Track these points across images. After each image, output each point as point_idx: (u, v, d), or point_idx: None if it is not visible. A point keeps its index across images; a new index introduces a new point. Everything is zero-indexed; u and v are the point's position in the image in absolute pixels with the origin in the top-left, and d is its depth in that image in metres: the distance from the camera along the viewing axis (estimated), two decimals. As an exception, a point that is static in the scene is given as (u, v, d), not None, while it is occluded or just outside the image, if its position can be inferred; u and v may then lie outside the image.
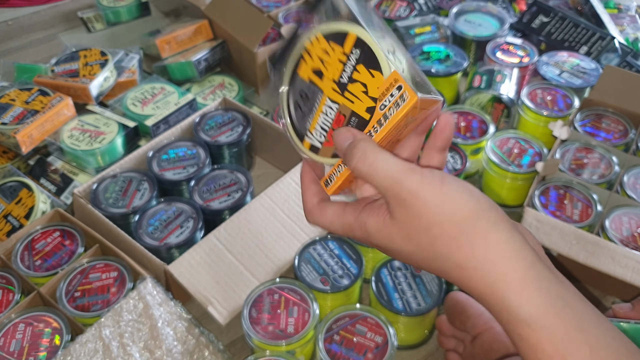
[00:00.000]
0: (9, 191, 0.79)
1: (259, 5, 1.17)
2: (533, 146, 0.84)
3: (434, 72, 0.96)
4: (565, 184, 0.78)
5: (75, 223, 0.74)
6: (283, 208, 0.75)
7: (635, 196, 0.77)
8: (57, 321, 0.64)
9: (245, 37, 1.01)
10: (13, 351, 0.61)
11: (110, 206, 0.75)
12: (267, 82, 1.06)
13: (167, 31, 1.07)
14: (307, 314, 0.63)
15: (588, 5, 1.13)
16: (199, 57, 1.02)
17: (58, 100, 0.87)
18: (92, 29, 1.22)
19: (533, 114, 0.88)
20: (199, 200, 0.77)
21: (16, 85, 0.90)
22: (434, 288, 0.67)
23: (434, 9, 1.18)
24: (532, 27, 1.06)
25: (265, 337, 0.61)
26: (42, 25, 1.24)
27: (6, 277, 0.68)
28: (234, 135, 0.85)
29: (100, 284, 0.67)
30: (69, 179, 0.83)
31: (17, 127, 0.82)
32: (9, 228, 0.76)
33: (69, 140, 0.85)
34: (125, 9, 1.22)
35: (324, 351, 0.61)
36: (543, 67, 0.97)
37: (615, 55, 1.01)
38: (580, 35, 1.03)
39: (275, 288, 0.66)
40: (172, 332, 0.63)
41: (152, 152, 0.81)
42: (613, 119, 0.87)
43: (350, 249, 0.70)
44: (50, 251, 0.71)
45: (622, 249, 0.68)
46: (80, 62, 0.95)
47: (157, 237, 0.72)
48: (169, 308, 0.65)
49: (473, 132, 0.88)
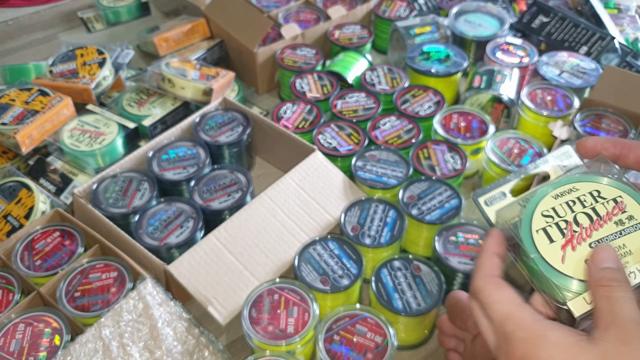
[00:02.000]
0: (8, 191, 0.79)
1: (259, 5, 1.17)
2: (533, 146, 0.84)
3: (434, 72, 0.96)
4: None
5: (75, 223, 0.74)
6: (283, 208, 0.75)
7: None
8: (57, 321, 0.64)
9: (245, 37, 1.01)
10: (13, 351, 0.61)
11: (110, 206, 0.75)
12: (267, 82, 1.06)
13: (165, 28, 1.07)
14: (307, 314, 0.63)
15: (588, 5, 1.13)
16: (197, 56, 1.02)
17: (58, 101, 0.87)
18: (92, 29, 1.22)
19: (533, 114, 0.89)
20: (199, 200, 0.77)
21: (16, 86, 0.90)
22: (434, 288, 0.67)
23: (434, 9, 1.18)
24: (532, 27, 1.06)
25: (265, 337, 0.61)
26: (42, 25, 1.24)
27: (6, 277, 0.68)
28: (234, 135, 0.85)
29: (100, 284, 0.67)
30: (69, 179, 0.83)
31: (17, 127, 0.82)
32: (8, 228, 0.76)
33: (68, 140, 0.85)
34: (125, 9, 1.22)
35: (324, 351, 0.61)
36: (543, 67, 0.97)
37: (615, 56, 1.01)
38: (580, 35, 1.03)
39: (275, 288, 0.66)
40: (172, 332, 0.63)
41: (152, 152, 0.81)
42: (613, 119, 0.87)
43: (350, 249, 0.70)
44: (50, 251, 0.71)
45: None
46: (78, 62, 0.95)
47: (157, 237, 0.72)
48: (169, 308, 0.65)
49: (473, 132, 0.88)
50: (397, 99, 0.93)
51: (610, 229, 0.39)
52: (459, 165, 0.82)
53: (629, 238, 0.39)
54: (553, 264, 0.38)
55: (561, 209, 0.40)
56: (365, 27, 1.11)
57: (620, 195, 0.40)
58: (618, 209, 0.40)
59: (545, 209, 0.41)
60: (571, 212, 0.40)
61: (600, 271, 0.36)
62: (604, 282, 0.36)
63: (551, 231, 0.39)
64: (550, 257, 0.39)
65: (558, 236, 0.39)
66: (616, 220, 0.39)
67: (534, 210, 0.41)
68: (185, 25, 1.06)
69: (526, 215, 0.41)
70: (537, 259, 0.39)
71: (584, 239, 0.39)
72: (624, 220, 0.39)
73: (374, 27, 1.17)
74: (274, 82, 1.07)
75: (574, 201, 0.40)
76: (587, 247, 0.39)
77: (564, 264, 0.38)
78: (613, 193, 0.40)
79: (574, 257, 0.38)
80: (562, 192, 0.41)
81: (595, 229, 0.39)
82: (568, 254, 0.39)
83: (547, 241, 0.39)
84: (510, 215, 0.42)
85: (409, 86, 0.96)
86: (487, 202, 0.44)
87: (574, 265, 0.38)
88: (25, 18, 1.25)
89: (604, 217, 0.40)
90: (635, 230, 0.39)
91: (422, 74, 0.97)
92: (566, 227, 0.39)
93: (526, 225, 0.40)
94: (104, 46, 0.98)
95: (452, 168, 0.82)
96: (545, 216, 0.40)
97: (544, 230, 0.40)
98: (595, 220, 0.40)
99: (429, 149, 0.85)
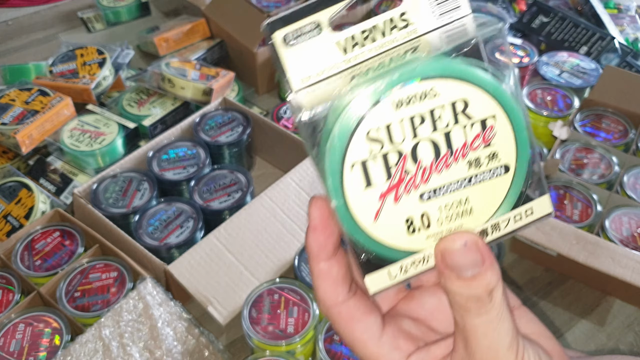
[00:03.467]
0: (8, 191, 0.79)
1: (259, 5, 1.17)
2: (533, 146, 0.84)
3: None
4: (565, 184, 0.78)
5: (75, 223, 0.74)
6: (283, 208, 0.75)
7: (635, 196, 0.77)
8: (57, 321, 0.64)
9: (245, 37, 1.01)
10: (13, 351, 0.61)
11: (110, 206, 0.75)
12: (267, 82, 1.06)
13: (165, 28, 1.07)
14: (307, 314, 0.63)
15: (588, 5, 1.13)
16: (197, 56, 1.02)
17: (58, 101, 0.87)
18: (92, 29, 1.22)
19: (533, 114, 0.88)
20: (199, 200, 0.77)
21: (16, 86, 0.90)
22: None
23: (434, 9, 1.18)
24: (532, 27, 1.06)
25: (265, 337, 0.61)
26: (42, 25, 1.24)
27: (6, 277, 0.68)
28: (234, 135, 0.85)
29: (100, 284, 0.67)
30: (69, 179, 0.83)
31: (17, 127, 0.82)
32: (8, 228, 0.76)
33: (68, 140, 0.85)
34: (125, 9, 1.22)
35: (324, 351, 0.61)
36: (543, 67, 0.97)
37: (615, 56, 1.01)
38: (580, 35, 1.03)
39: (275, 288, 0.66)
40: (172, 332, 0.63)
41: (152, 152, 0.81)
42: (613, 119, 0.87)
43: (350, 249, 0.70)
44: (50, 251, 0.71)
45: (622, 249, 0.68)
46: (78, 62, 0.95)
47: (157, 237, 0.72)
48: (169, 308, 0.65)
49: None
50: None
51: (458, 172, 0.25)
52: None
53: (477, 189, 0.26)
54: (361, 222, 0.25)
55: (399, 130, 0.24)
56: (365, 27, 1.11)
57: (494, 114, 0.25)
58: (482, 140, 0.25)
59: (375, 126, 0.24)
60: (413, 136, 0.25)
61: (451, 282, 0.25)
62: (456, 302, 0.25)
63: (372, 168, 0.25)
64: (359, 210, 0.25)
65: (380, 177, 0.25)
66: (471, 160, 0.25)
67: (355, 127, 0.24)
68: (185, 25, 1.06)
69: (340, 132, 0.24)
70: (339, 209, 0.25)
71: (416, 186, 0.25)
72: (481, 161, 0.26)
73: (374, 27, 1.17)
74: (274, 82, 1.07)
75: (424, 117, 0.25)
76: (416, 199, 0.25)
77: (375, 223, 0.25)
78: (487, 108, 0.25)
79: (393, 214, 0.26)
80: (411, 97, 0.24)
81: (437, 169, 0.25)
82: (387, 207, 0.25)
83: (362, 184, 0.25)
84: (325, 93, 0.25)
85: (409, 86, 0.96)
86: (287, 38, 0.25)
87: (389, 227, 0.26)
88: (25, 18, 1.25)
89: (457, 151, 0.25)
90: (489, 177, 0.26)
91: (422, 74, 0.97)
92: (397, 164, 0.25)
93: (336, 151, 0.24)
94: (104, 46, 0.98)
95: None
96: (371, 140, 0.24)
97: (363, 165, 0.25)
98: (443, 155, 0.25)
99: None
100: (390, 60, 0.26)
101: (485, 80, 0.25)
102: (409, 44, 0.26)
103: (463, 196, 0.26)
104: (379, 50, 0.26)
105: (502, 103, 0.25)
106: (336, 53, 0.26)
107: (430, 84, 0.24)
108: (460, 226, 0.26)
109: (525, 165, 0.26)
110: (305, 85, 0.26)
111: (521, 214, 0.27)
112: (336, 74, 0.26)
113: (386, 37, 0.26)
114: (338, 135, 0.24)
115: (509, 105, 0.25)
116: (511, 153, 0.26)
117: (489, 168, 0.26)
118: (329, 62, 0.26)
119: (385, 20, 0.26)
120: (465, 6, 0.27)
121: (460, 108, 0.25)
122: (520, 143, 0.26)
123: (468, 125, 0.25)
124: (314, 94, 0.26)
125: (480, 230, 0.27)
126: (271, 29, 0.25)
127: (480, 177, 0.26)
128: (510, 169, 0.26)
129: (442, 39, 0.27)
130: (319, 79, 0.26)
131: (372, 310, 0.28)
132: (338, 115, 0.24)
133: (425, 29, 0.27)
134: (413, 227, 0.26)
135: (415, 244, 0.26)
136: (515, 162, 0.26)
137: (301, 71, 0.26)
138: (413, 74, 0.24)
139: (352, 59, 0.26)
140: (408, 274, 0.27)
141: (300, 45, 0.25)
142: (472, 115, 0.25)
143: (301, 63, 0.26)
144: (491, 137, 0.25)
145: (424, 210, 0.26)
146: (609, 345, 0.70)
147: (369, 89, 0.24)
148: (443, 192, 0.26)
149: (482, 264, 0.24)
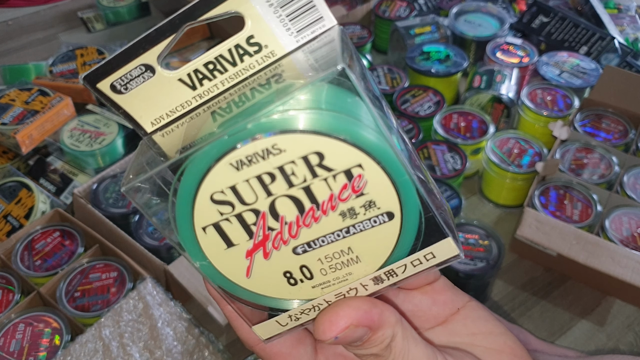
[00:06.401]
0: (8, 191, 0.79)
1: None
2: (533, 146, 0.84)
3: (434, 72, 0.96)
4: (565, 184, 0.78)
5: (75, 223, 0.74)
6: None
7: (635, 196, 0.77)
8: (57, 321, 0.64)
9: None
10: (13, 351, 0.61)
11: (110, 206, 0.75)
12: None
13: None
14: (307, 314, 0.63)
15: (588, 6, 1.13)
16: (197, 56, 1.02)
17: (58, 101, 0.87)
18: (92, 29, 1.22)
19: (533, 114, 0.88)
20: (198, 201, 0.77)
21: (16, 86, 0.90)
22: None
23: (434, 9, 1.18)
24: (532, 27, 1.06)
25: (265, 337, 0.61)
26: (42, 25, 1.24)
27: (6, 277, 0.68)
28: (234, 135, 0.85)
29: (100, 284, 0.67)
30: (69, 179, 0.83)
31: (17, 127, 0.82)
32: (8, 228, 0.76)
33: (68, 140, 0.85)
34: (125, 9, 1.22)
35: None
36: (543, 67, 0.97)
37: (615, 56, 1.01)
38: (580, 35, 1.03)
39: (275, 288, 0.66)
40: (172, 332, 0.63)
41: (152, 152, 0.81)
42: (613, 119, 0.87)
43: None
44: (50, 251, 0.71)
45: (622, 249, 0.68)
46: (78, 62, 0.95)
47: (157, 237, 0.72)
48: (169, 308, 0.65)
49: (473, 132, 0.88)
50: (397, 99, 0.93)
51: (331, 224, 0.23)
52: (459, 165, 0.82)
53: (360, 238, 0.24)
54: (232, 279, 0.24)
55: (248, 190, 0.22)
56: (365, 27, 1.11)
57: (359, 162, 0.22)
58: (351, 190, 0.22)
59: (217, 189, 0.22)
60: (267, 195, 0.22)
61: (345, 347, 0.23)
62: (356, 354, 0.24)
63: (229, 229, 0.23)
64: (228, 269, 0.24)
65: (241, 237, 0.23)
66: (344, 210, 0.23)
67: (194, 193, 0.22)
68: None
69: (181, 199, 0.23)
70: (204, 268, 0.24)
71: (285, 242, 0.23)
72: (357, 210, 0.23)
73: (374, 27, 1.17)
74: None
75: (273, 175, 0.22)
76: (289, 253, 0.24)
77: (250, 279, 0.24)
78: (348, 158, 0.21)
79: (267, 269, 0.24)
80: (250, 157, 0.21)
81: (305, 224, 0.23)
82: (258, 264, 0.24)
83: (222, 245, 0.23)
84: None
85: (409, 86, 0.96)
86: (115, 87, 0.24)
87: (266, 280, 0.24)
88: (25, 18, 1.25)
89: (324, 204, 0.23)
90: (371, 225, 0.23)
91: (422, 74, 0.97)
92: (256, 223, 0.23)
93: (183, 216, 0.23)
94: (104, 46, 0.98)
95: (452, 168, 0.82)
96: (218, 203, 0.22)
97: (216, 227, 0.23)
98: (308, 210, 0.23)
99: (429, 149, 0.85)
100: (252, 91, 0.23)
101: (341, 130, 0.21)
102: (270, 70, 0.24)
103: (344, 246, 0.24)
104: (235, 80, 0.24)
105: (366, 150, 0.21)
106: (183, 90, 0.24)
107: (271, 141, 0.21)
108: (349, 274, 0.25)
109: (415, 209, 0.23)
110: (159, 125, 0.24)
111: (419, 259, 0.25)
112: (191, 111, 0.24)
113: (238, 65, 0.24)
114: (179, 202, 0.23)
115: (376, 152, 0.21)
116: (392, 199, 0.23)
117: (367, 217, 0.23)
118: (178, 100, 0.24)
119: (230, 48, 0.24)
120: (328, 17, 0.24)
121: (316, 162, 0.21)
122: (402, 187, 0.22)
123: (330, 177, 0.22)
124: (173, 135, 0.24)
125: (373, 277, 0.25)
126: (91, 83, 0.23)
127: (360, 227, 0.23)
128: (395, 215, 0.23)
129: (308, 58, 0.23)
130: (173, 117, 0.24)
131: (300, 341, 0.27)
132: (176, 181, 0.22)
133: (284, 51, 0.24)
134: (294, 280, 0.24)
135: (301, 294, 0.25)
136: (399, 207, 0.23)
137: (149, 113, 0.24)
138: (247, 134, 0.21)
139: (203, 93, 0.24)
140: (300, 321, 0.26)
141: (136, 90, 0.24)
142: (332, 167, 0.22)
143: (146, 106, 0.24)
144: (362, 186, 0.22)
145: (301, 263, 0.24)
146: (609, 345, 0.70)
147: (202, 151, 0.21)
148: (319, 244, 0.24)
149: (371, 329, 0.23)
